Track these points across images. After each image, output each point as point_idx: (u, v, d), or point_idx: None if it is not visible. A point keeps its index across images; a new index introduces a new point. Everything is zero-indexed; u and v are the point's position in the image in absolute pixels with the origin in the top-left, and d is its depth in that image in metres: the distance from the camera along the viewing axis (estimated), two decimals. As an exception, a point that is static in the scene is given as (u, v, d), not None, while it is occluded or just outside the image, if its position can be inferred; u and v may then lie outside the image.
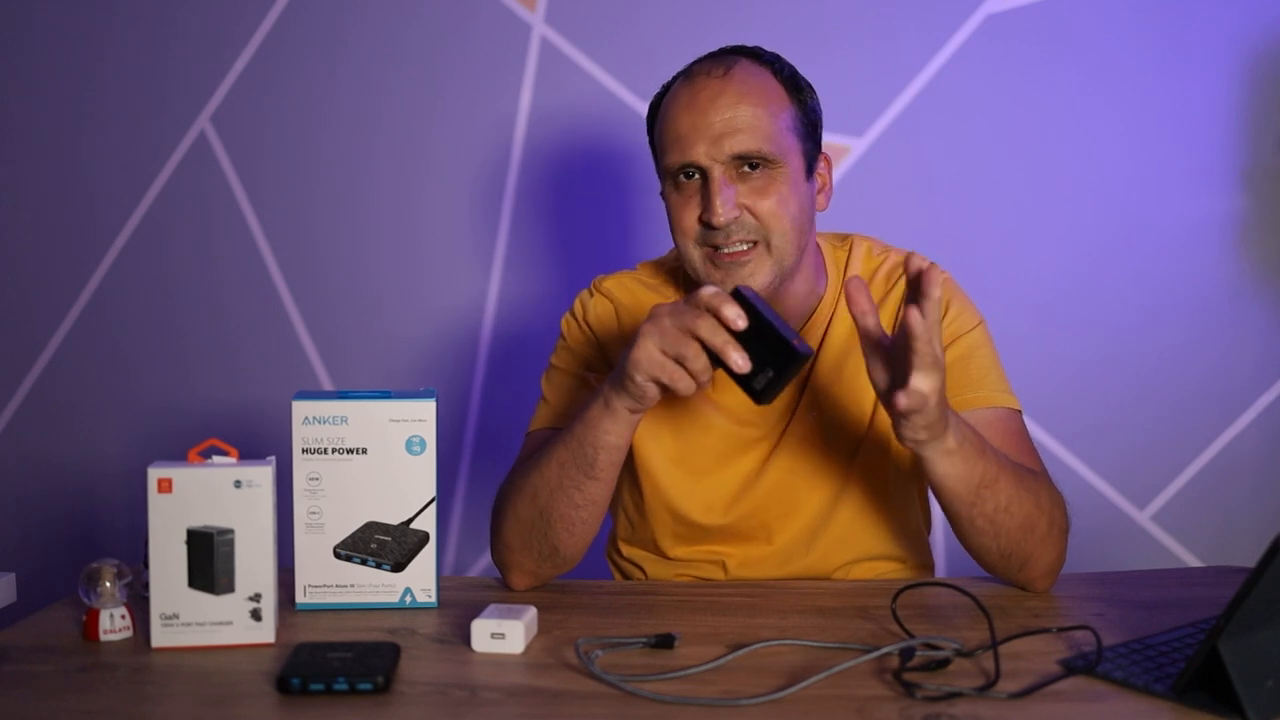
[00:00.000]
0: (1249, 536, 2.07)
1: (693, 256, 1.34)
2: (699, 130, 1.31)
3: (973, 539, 1.27)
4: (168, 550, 1.14)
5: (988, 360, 1.40)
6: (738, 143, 1.30)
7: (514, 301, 2.18)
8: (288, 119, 2.19)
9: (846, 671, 1.05)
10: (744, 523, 1.42)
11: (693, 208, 1.33)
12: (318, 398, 1.27)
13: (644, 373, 1.17)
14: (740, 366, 1.12)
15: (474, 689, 1.05)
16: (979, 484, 1.21)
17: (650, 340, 1.16)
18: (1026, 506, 1.25)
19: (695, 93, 1.33)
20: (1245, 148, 2.05)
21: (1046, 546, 1.27)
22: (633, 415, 1.23)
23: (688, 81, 1.35)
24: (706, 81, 1.33)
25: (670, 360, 1.15)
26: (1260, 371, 2.08)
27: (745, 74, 1.34)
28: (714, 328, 1.12)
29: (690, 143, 1.31)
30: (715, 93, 1.32)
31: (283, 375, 2.21)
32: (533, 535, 1.31)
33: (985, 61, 2.06)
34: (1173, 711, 0.98)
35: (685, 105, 1.33)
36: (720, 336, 1.12)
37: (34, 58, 2.22)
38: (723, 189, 1.30)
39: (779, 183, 1.32)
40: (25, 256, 2.26)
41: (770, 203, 1.31)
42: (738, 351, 1.12)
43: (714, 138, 1.30)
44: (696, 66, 1.37)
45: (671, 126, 1.34)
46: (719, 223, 1.30)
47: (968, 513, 1.23)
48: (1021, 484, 1.25)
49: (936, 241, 1.61)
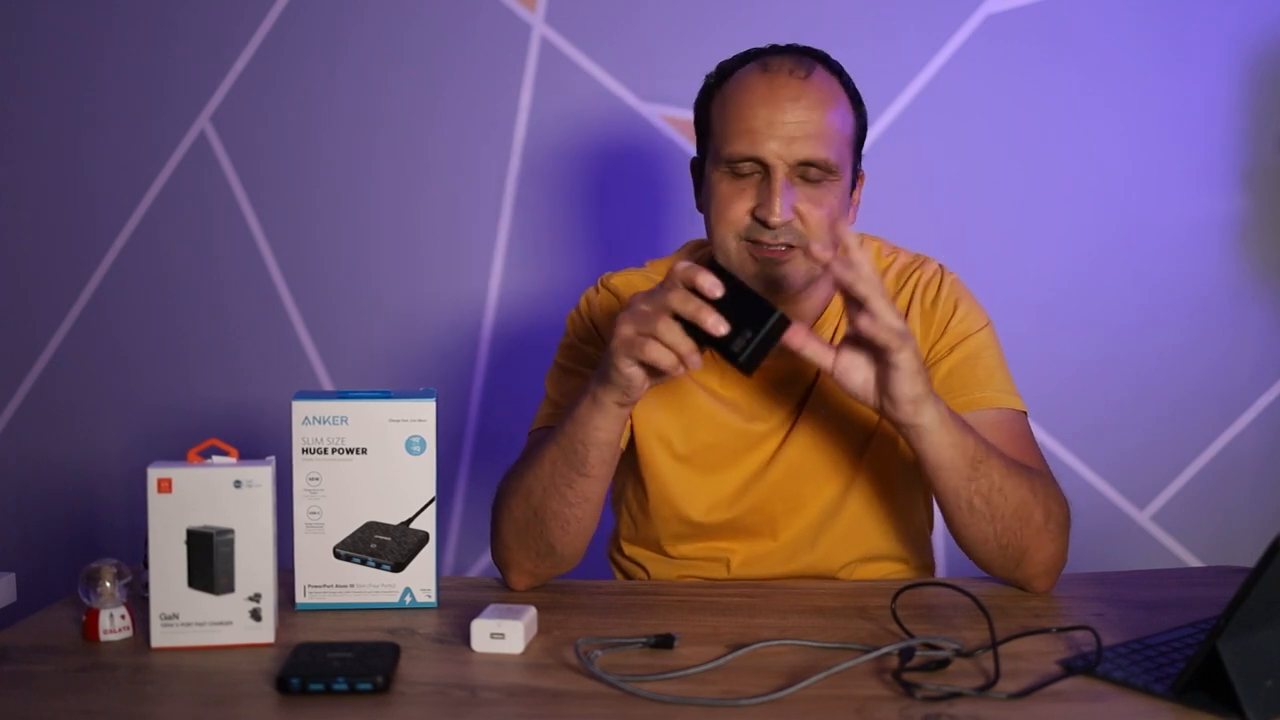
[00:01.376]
0: (1249, 536, 2.07)
1: (730, 246, 1.34)
2: (774, 128, 1.30)
3: (971, 525, 1.26)
4: (167, 550, 1.14)
5: (994, 361, 1.40)
6: (809, 148, 1.30)
7: (514, 301, 2.18)
8: (288, 119, 2.19)
9: (846, 671, 1.05)
10: (749, 517, 1.42)
11: (745, 200, 1.32)
12: (318, 398, 1.27)
13: (623, 357, 1.16)
14: (715, 329, 1.10)
15: (474, 689, 1.05)
16: (974, 457, 1.22)
17: (626, 325, 1.15)
18: (1021, 492, 1.25)
19: (776, 89, 1.32)
20: (1245, 148, 2.05)
21: (1044, 539, 1.27)
22: (621, 409, 1.23)
23: (766, 74, 1.34)
24: (789, 80, 1.32)
25: (648, 338, 1.13)
26: (1260, 371, 2.08)
27: (823, 81, 1.34)
28: (685, 297, 1.11)
29: (763, 138, 1.30)
30: (796, 94, 1.31)
31: (283, 375, 2.21)
32: (528, 534, 1.31)
33: (985, 61, 2.06)
34: (1172, 711, 0.98)
35: (763, 99, 1.32)
36: (693, 304, 1.11)
37: (34, 58, 2.22)
38: (785, 191, 1.30)
39: (831, 195, 1.32)
40: (25, 256, 2.26)
41: (821, 214, 1.32)
42: (712, 315, 1.10)
43: (788, 139, 1.30)
44: (774, 60, 1.35)
45: (743, 115, 1.32)
46: (776, 223, 1.29)
47: (966, 490, 1.23)
48: (1013, 468, 1.25)
49: (936, 241, 1.61)
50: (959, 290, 1.43)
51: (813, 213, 1.31)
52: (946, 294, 1.42)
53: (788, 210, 1.30)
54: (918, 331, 1.40)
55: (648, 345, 1.13)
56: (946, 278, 1.44)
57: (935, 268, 1.45)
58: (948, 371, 1.38)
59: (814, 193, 1.32)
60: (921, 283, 1.43)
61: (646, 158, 2.14)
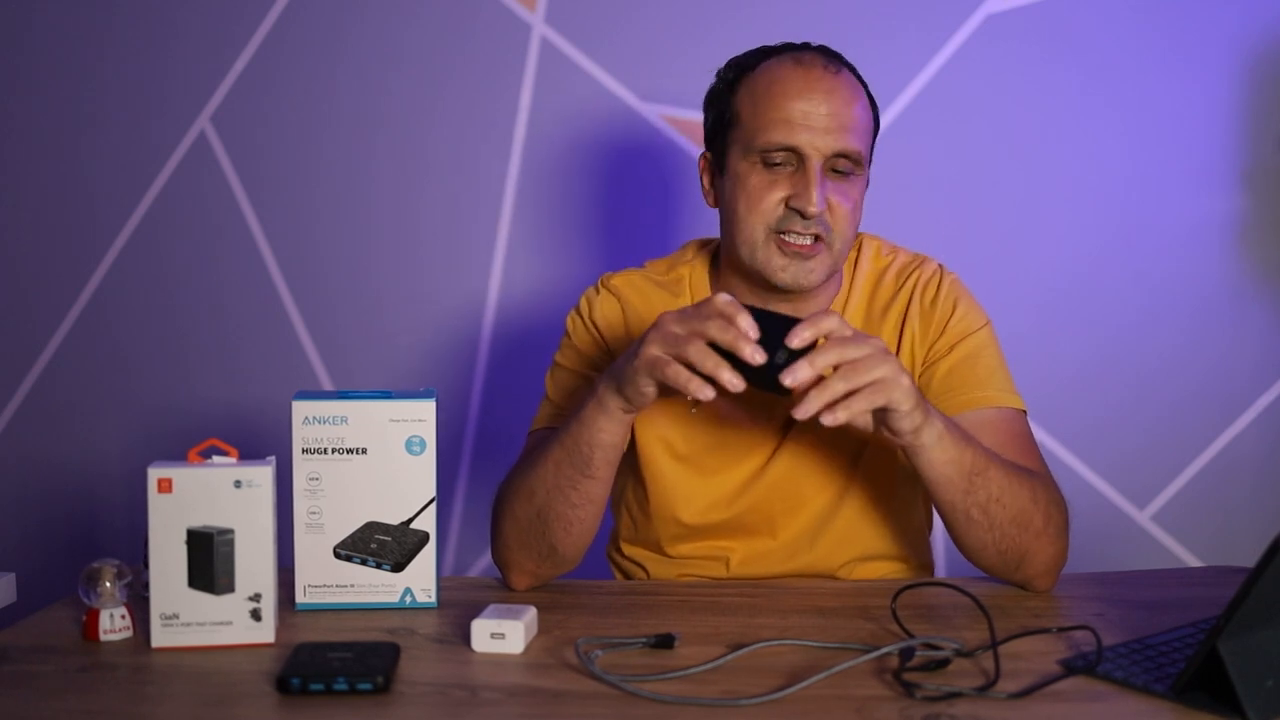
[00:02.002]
0: (1249, 536, 2.07)
1: (757, 237, 1.35)
2: (811, 118, 1.32)
3: (970, 534, 1.26)
4: (168, 550, 1.14)
5: (993, 361, 1.40)
6: (844, 140, 1.32)
7: (514, 301, 2.18)
8: (288, 119, 2.19)
9: (846, 671, 1.05)
10: (748, 516, 1.42)
11: (779, 190, 1.33)
12: (318, 398, 1.27)
13: (645, 375, 1.17)
14: (752, 358, 1.10)
15: (474, 689, 1.05)
16: (970, 470, 1.22)
17: (654, 346, 1.15)
18: (1020, 499, 1.25)
19: (811, 81, 1.34)
20: (1245, 148, 2.05)
21: (1043, 543, 1.27)
22: (627, 415, 1.23)
23: (800, 66, 1.35)
24: (823, 74, 1.34)
25: (675, 362, 1.14)
26: (1260, 371, 2.08)
27: (850, 77, 1.38)
28: (723, 326, 1.11)
29: (800, 128, 1.32)
30: (831, 86, 1.34)
31: (283, 375, 2.21)
32: (530, 535, 1.31)
33: (985, 61, 2.06)
34: (1173, 711, 0.98)
35: (800, 90, 1.33)
36: (731, 333, 1.11)
37: (34, 58, 2.22)
38: (820, 181, 1.32)
39: (856, 189, 1.36)
40: (25, 256, 2.26)
41: (847, 208, 1.35)
42: (750, 345, 1.11)
43: (825, 129, 1.32)
44: (805, 55, 1.37)
45: (779, 105, 1.33)
46: (813, 212, 1.31)
47: (963, 503, 1.23)
48: (1012, 475, 1.25)
49: (936, 241, 1.61)
50: (958, 290, 1.43)
51: (839, 205, 1.34)
52: (945, 293, 1.42)
53: (823, 200, 1.32)
54: (916, 331, 1.41)
55: (672, 367, 1.13)
56: (945, 277, 1.44)
57: (934, 267, 1.45)
58: (947, 371, 1.38)
59: (842, 185, 1.35)
60: (920, 282, 1.43)
61: (646, 158, 2.14)
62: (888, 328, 1.42)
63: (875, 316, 1.43)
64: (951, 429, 1.22)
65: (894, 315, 1.42)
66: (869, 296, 1.45)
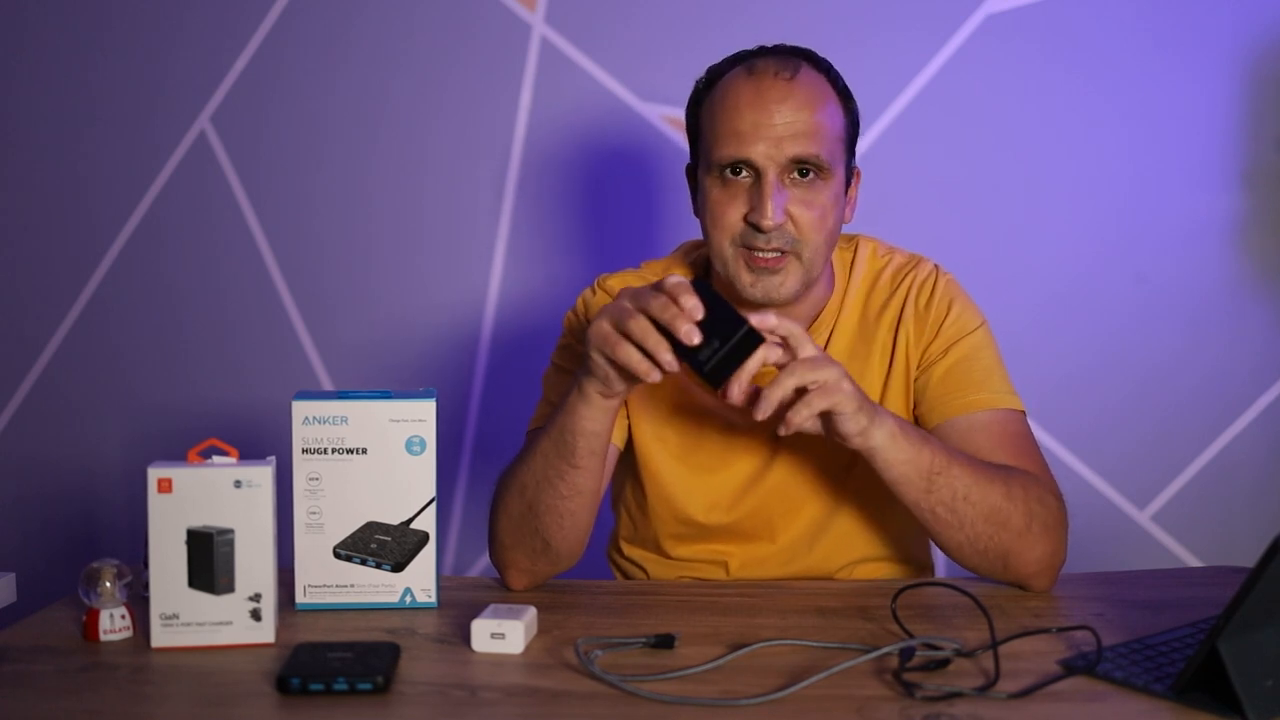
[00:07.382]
0: (1249, 536, 2.07)
1: (726, 254, 1.34)
2: (761, 129, 1.30)
3: (942, 534, 1.26)
4: (168, 550, 1.14)
5: (990, 361, 1.40)
6: (798, 147, 1.30)
7: (514, 301, 2.18)
8: (288, 119, 2.19)
9: (846, 671, 1.05)
10: (747, 521, 1.42)
11: (738, 205, 1.32)
12: (318, 398, 1.27)
13: (595, 347, 1.16)
14: (688, 338, 1.10)
15: (474, 689, 1.05)
16: (929, 470, 1.22)
17: (603, 319, 1.16)
18: (991, 497, 1.24)
19: (762, 90, 1.32)
20: (1245, 148, 2.05)
21: (1027, 541, 1.26)
22: (605, 401, 1.22)
23: (751, 77, 1.33)
24: (774, 82, 1.32)
25: (620, 336, 1.14)
26: (1260, 371, 2.08)
27: (809, 79, 1.34)
28: (664, 304, 1.11)
29: (750, 140, 1.30)
30: (782, 94, 1.31)
31: (283, 375, 2.21)
32: (523, 530, 1.31)
33: (985, 61, 2.06)
34: (1173, 711, 0.98)
35: (750, 101, 1.32)
36: (670, 311, 1.11)
37: (34, 58, 2.22)
38: (776, 193, 1.30)
39: (823, 195, 1.32)
40: (25, 256, 2.26)
41: (812, 215, 1.32)
42: (686, 324, 1.11)
43: (776, 139, 1.30)
44: (760, 62, 1.35)
45: (731, 119, 1.32)
46: (768, 226, 1.29)
47: (926, 502, 1.23)
48: (980, 473, 1.25)
49: (936, 241, 1.61)
50: (953, 290, 1.43)
51: (803, 214, 1.31)
52: (940, 295, 1.41)
53: (779, 213, 1.30)
54: (911, 333, 1.40)
55: (620, 345, 1.14)
56: (941, 278, 1.43)
57: (930, 268, 1.44)
58: (943, 374, 1.38)
59: (805, 194, 1.32)
60: (916, 283, 1.42)
61: (646, 158, 2.14)
62: (883, 330, 1.41)
63: (870, 319, 1.43)
64: (905, 429, 1.22)
65: (889, 317, 1.41)
66: (864, 298, 1.44)
